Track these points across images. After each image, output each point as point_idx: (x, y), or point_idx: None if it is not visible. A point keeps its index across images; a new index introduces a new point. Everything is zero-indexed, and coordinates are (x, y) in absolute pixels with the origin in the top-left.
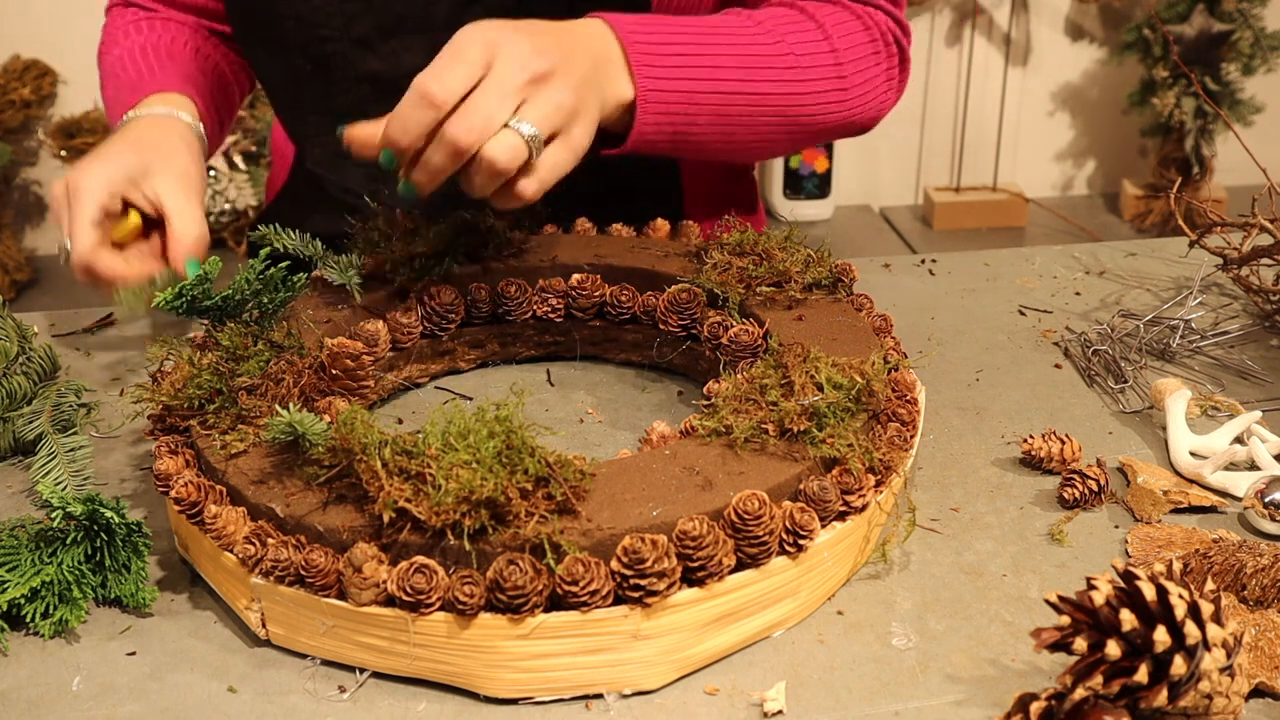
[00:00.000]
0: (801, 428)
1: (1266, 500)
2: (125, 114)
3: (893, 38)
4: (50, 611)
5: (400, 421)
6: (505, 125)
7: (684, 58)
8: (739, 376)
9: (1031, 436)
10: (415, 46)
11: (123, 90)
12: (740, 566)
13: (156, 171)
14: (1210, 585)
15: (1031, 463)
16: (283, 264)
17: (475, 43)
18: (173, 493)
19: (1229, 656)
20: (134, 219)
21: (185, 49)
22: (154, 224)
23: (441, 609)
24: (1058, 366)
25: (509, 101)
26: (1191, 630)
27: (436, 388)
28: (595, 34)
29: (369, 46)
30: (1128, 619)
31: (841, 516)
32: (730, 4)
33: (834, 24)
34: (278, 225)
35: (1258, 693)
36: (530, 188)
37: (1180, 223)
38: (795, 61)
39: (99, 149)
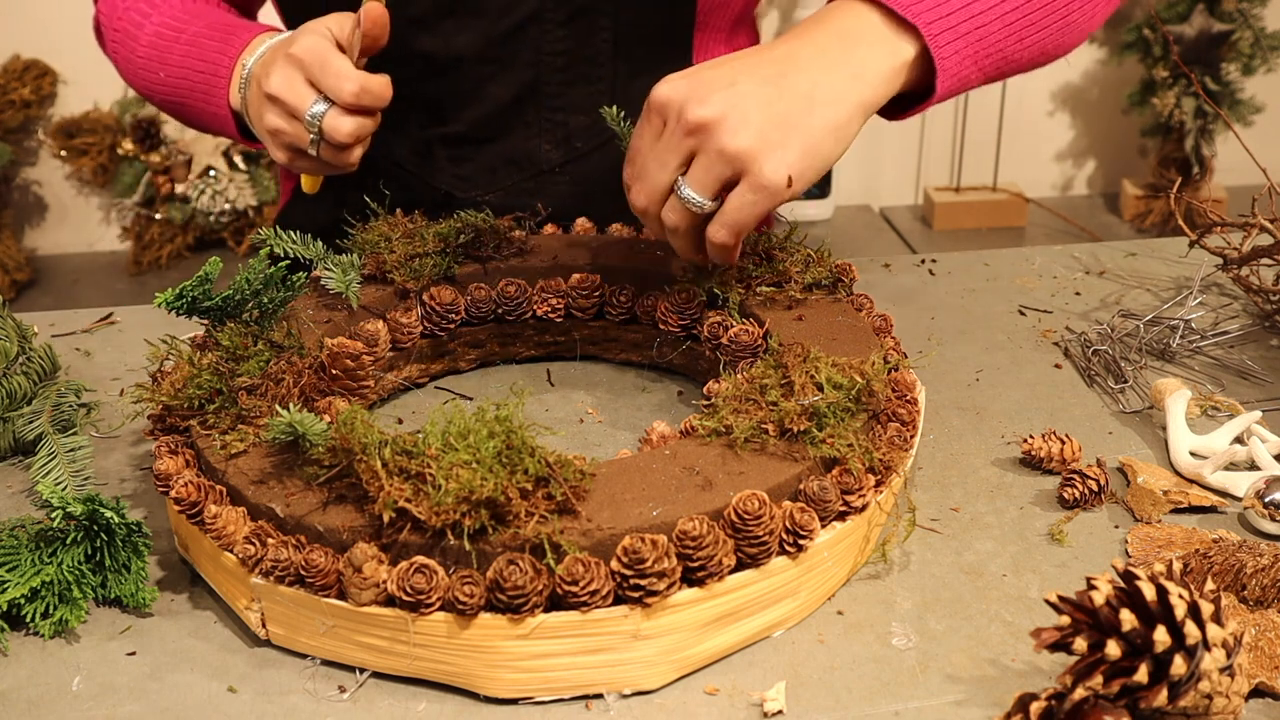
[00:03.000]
0: (801, 428)
1: (1266, 500)
2: (239, 64)
3: None
4: (50, 611)
5: (400, 421)
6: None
7: None
8: (739, 376)
9: (1031, 436)
10: (470, 27)
11: (208, 53)
12: (740, 566)
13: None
14: (1210, 585)
15: (1031, 463)
16: (283, 264)
17: (653, 107)
18: (173, 493)
19: (1229, 656)
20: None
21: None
22: None
23: (441, 609)
24: (1058, 366)
25: (665, 167)
26: (1191, 630)
27: (436, 388)
28: (833, 25)
29: (423, 26)
30: (1128, 619)
31: (841, 516)
32: None
33: None
34: (302, 213)
35: (1258, 693)
36: (718, 235)
37: (1180, 223)
38: None
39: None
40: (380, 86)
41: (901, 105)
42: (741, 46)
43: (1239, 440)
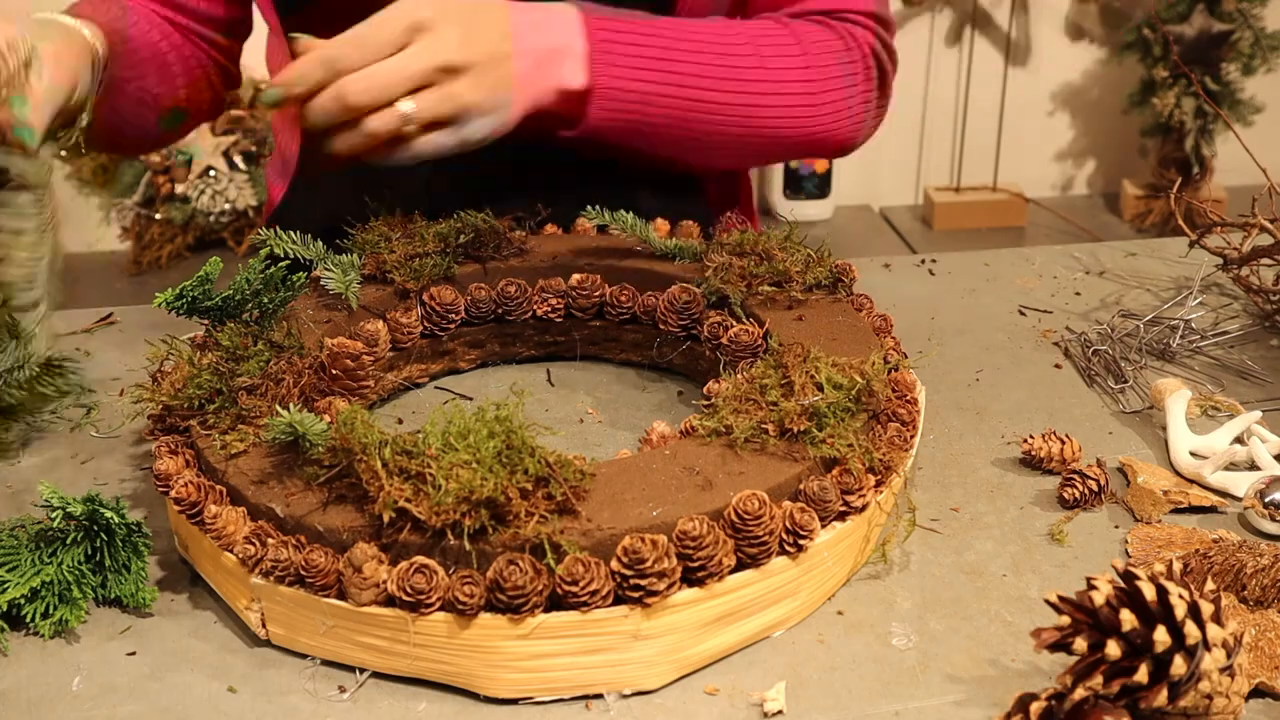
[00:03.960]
0: (801, 428)
1: (1266, 500)
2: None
3: (874, 60)
4: (50, 612)
5: (400, 421)
6: (392, 102)
7: (646, 59)
8: (739, 376)
9: (1031, 436)
10: None
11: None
12: (740, 566)
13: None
14: (1210, 585)
15: (1031, 463)
16: (283, 264)
17: (402, 21)
18: (173, 493)
19: (1229, 656)
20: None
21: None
22: None
23: (441, 609)
24: (1058, 366)
25: (407, 83)
26: (1191, 630)
27: (436, 388)
28: (557, 23)
29: None
30: (1128, 619)
31: (841, 516)
32: (730, 14)
33: (812, 39)
34: (296, 214)
35: (1258, 693)
36: (395, 153)
37: (1180, 223)
38: (764, 74)
39: None
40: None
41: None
42: None
43: (1239, 440)
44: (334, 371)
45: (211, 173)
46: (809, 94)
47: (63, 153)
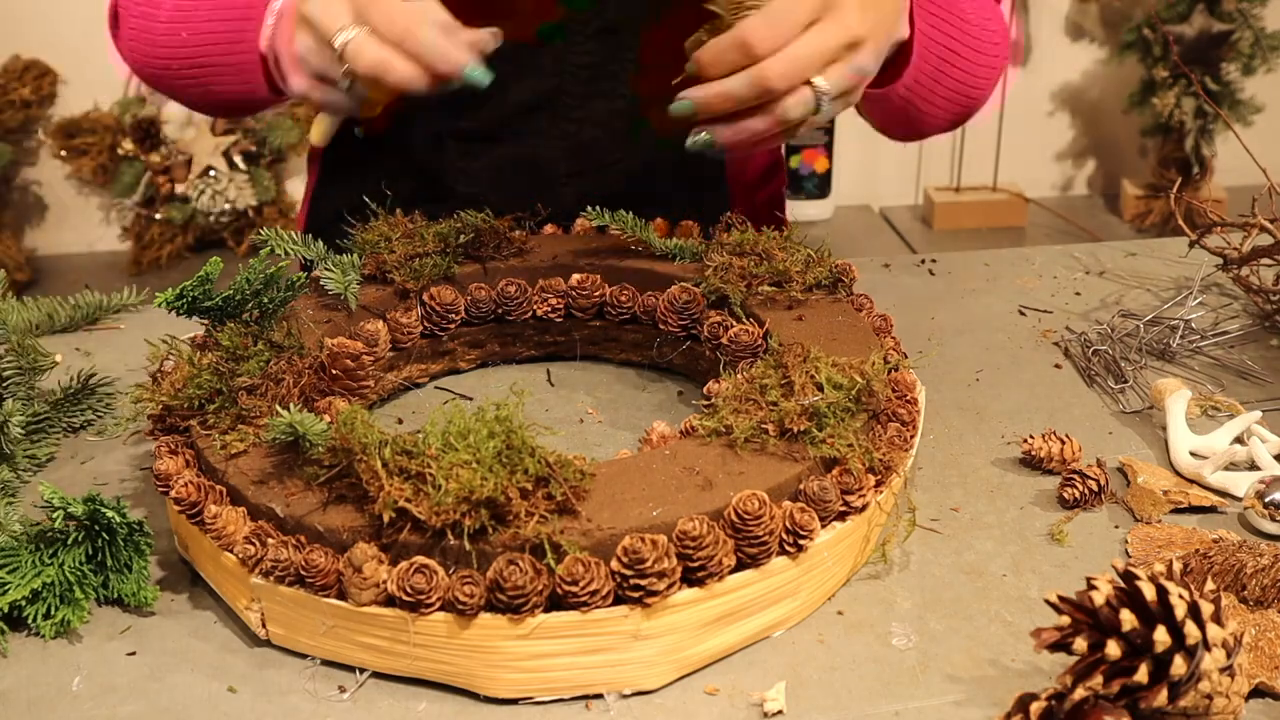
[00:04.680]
0: (801, 428)
1: (1266, 500)
2: (269, 5)
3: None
4: (52, 613)
5: (400, 421)
6: (808, 82)
7: (941, 10)
8: (739, 376)
9: (1031, 436)
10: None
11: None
12: (740, 566)
13: None
14: (1210, 585)
15: (1031, 463)
16: (284, 263)
17: (808, 3)
18: (173, 493)
19: (1229, 656)
20: None
21: None
22: None
23: (441, 609)
24: (1058, 366)
25: (822, 60)
26: (1191, 630)
27: (436, 388)
28: None
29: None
30: (1128, 619)
31: (841, 516)
32: None
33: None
34: (335, 196)
35: (1258, 693)
36: (803, 132)
37: (1180, 223)
38: (991, 46)
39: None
40: (432, 35)
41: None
42: None
43: (1239, 440)
44: (334, 371)
45: (211, 173)
46: (1001, 55)
47: (63, 152)
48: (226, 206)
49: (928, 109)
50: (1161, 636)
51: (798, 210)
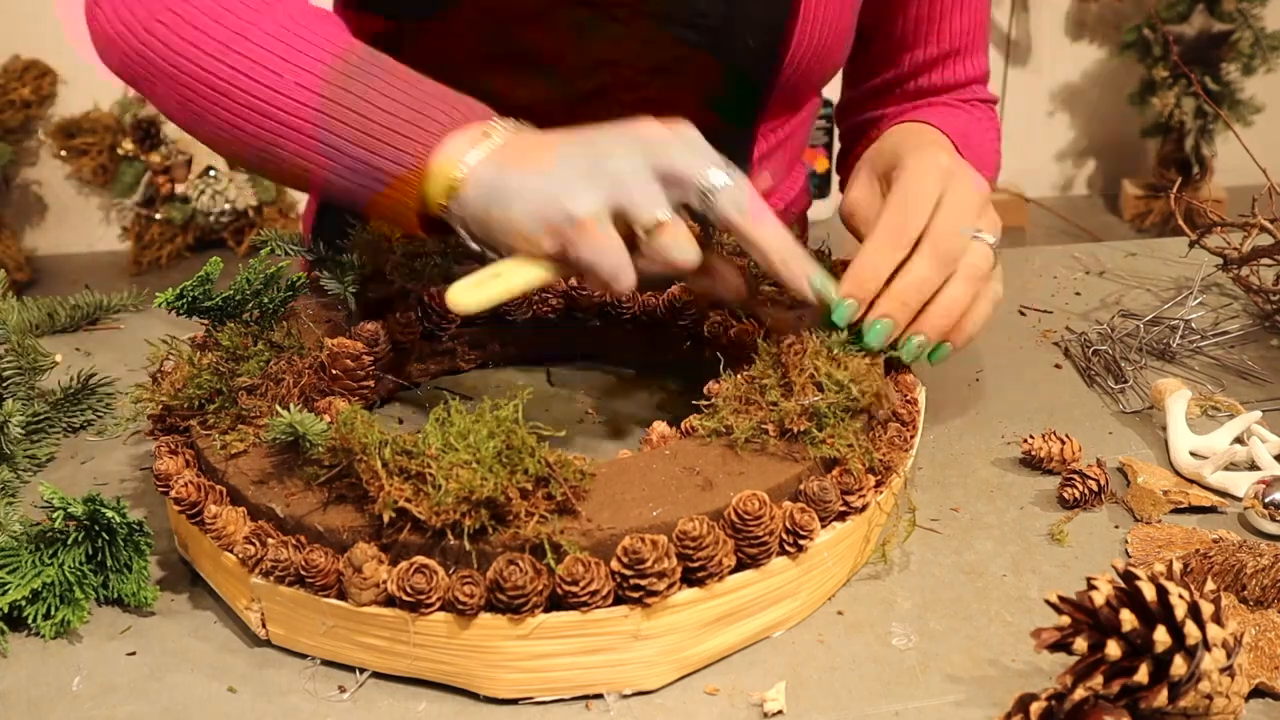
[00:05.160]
0: (801, 428)
1: (1266, 500)
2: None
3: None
4: (52, 613)
5: (400, 421)
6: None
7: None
8: (739, 376)
9: (1031, 436)
10: (545, 78)
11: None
12: (740, 566)
13: None
14: (1210, 585)
15: (1031, 463)
16: (284, 263)
17: (934, 176)
18: (173, 493)
19: (1229, 656)
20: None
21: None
22: None
23: (441, 609)
24: (1058, 366)
25: (974, 218)
26: (1191, 630)
27: (436, 388)
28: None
29: (494, 67)
30: (1128, 619)
31: (841, 517)
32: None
33: (994, 127)
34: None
35: (1258, 693)
36: (997, 288)
37: (1180, 223)
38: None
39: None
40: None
41: None
42: (808, 113)
43: (1239, 440)
44: (334, 371)
45: (211, 173)
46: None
47: (63, 152)
48: (226, 206)
49: None
50: (1161, 636)
51: None
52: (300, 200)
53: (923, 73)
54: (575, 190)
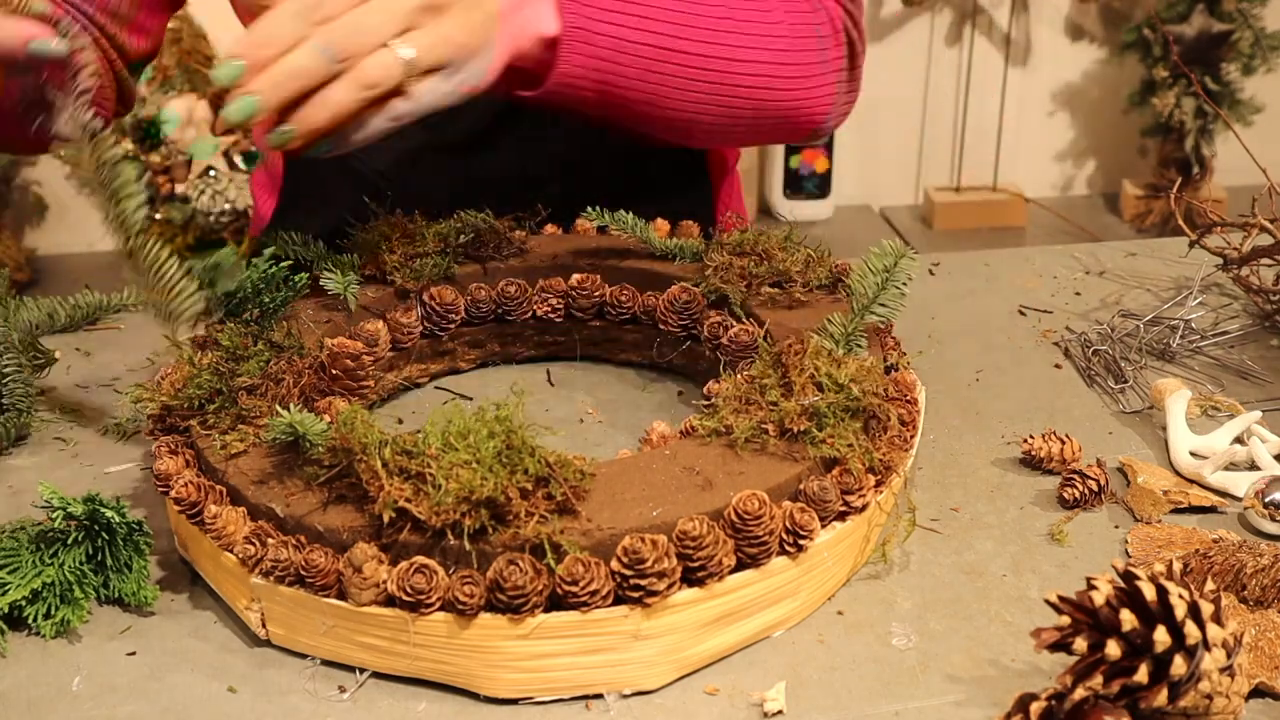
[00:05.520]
0: (801, 428)
1: (1266, 500)
2: None
3: (845, 35)
4: (52, 613)
5: (400, 421)
6: (384, 45)
7: (616, 3)
8: (739, 376)
9: (1031, 436)
10: None
11: None
12: (740, 566)
13: None
14: (1210, 585)
15: (1031, 463)
16: (284, 263)
17: None
18: (173, 493)
19: (1229, 656)
20: None
21: None
22: None
23: (441, 609)
24: (1058, 366)
25: (395, 24)
26: (1191, 630)
27: (436, 388)
28: None
29: None
30: (1128, 619)
31: (841, 516)
32: None
33: (784, 1)
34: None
35: (1258, 693)
36: (402, 107)
37: (1180, 223)
38: (740, 29)
39: None
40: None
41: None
42: None
43: (1239, 440)
44: (334, 371)
45: (211, 173)
46: (783, 53)
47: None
48: (226, 206)
49: (666, 111)
50: (1161, 636)
51: (798, 210)
52: None
53: None
54: None
